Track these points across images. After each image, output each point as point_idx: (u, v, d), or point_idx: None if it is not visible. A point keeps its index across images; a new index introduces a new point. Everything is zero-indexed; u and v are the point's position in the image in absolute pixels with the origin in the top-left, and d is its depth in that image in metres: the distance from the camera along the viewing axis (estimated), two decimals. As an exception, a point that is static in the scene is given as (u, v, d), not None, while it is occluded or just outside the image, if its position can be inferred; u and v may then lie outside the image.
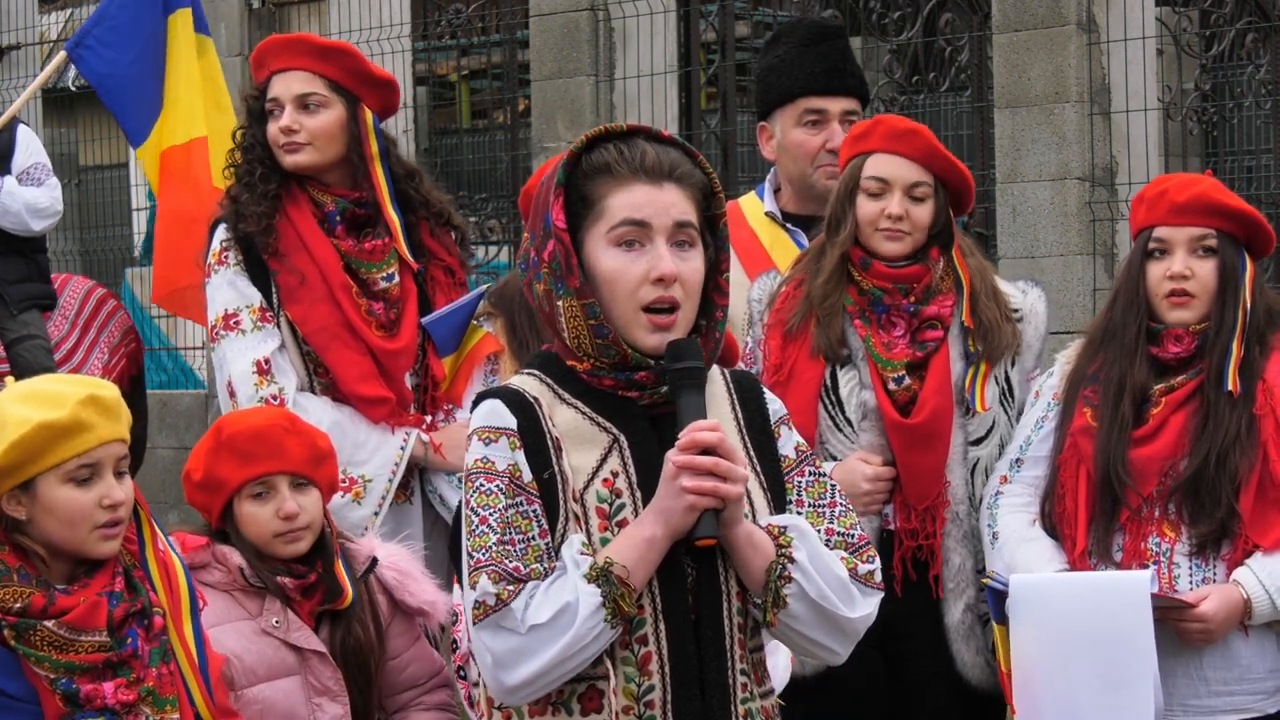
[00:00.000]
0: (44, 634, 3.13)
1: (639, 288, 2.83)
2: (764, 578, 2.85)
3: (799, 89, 4.78)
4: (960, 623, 4.21)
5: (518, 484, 2.83)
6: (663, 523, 2.79)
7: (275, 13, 10.55)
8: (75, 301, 7.31)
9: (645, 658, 2.82)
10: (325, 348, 4.55)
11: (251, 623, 3.80)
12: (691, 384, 2.83)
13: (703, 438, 2.77)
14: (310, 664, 3.82)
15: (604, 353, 2.86)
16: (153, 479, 9.54)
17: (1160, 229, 4.03)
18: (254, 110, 4.67)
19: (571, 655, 2.77)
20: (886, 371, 4.19)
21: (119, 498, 3.20)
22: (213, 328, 4.62)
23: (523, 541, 2.81)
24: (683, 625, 2.83)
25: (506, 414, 2.86)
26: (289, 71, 4.62)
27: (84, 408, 3.16)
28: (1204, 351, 3.98)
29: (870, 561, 2.95)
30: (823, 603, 2.86)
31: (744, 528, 2.84)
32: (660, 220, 2.84)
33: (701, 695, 2.83)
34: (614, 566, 2.77)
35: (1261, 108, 8.59)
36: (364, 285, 4.59)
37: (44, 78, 7.06)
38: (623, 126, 2.91)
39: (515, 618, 2.77)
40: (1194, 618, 3.84)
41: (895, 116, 4.45)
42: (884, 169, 4.22)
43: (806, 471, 2.99)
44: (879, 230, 4.20)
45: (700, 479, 2.76)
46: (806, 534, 2.89)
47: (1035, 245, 7.68)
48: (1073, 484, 4.01)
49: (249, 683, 3.75)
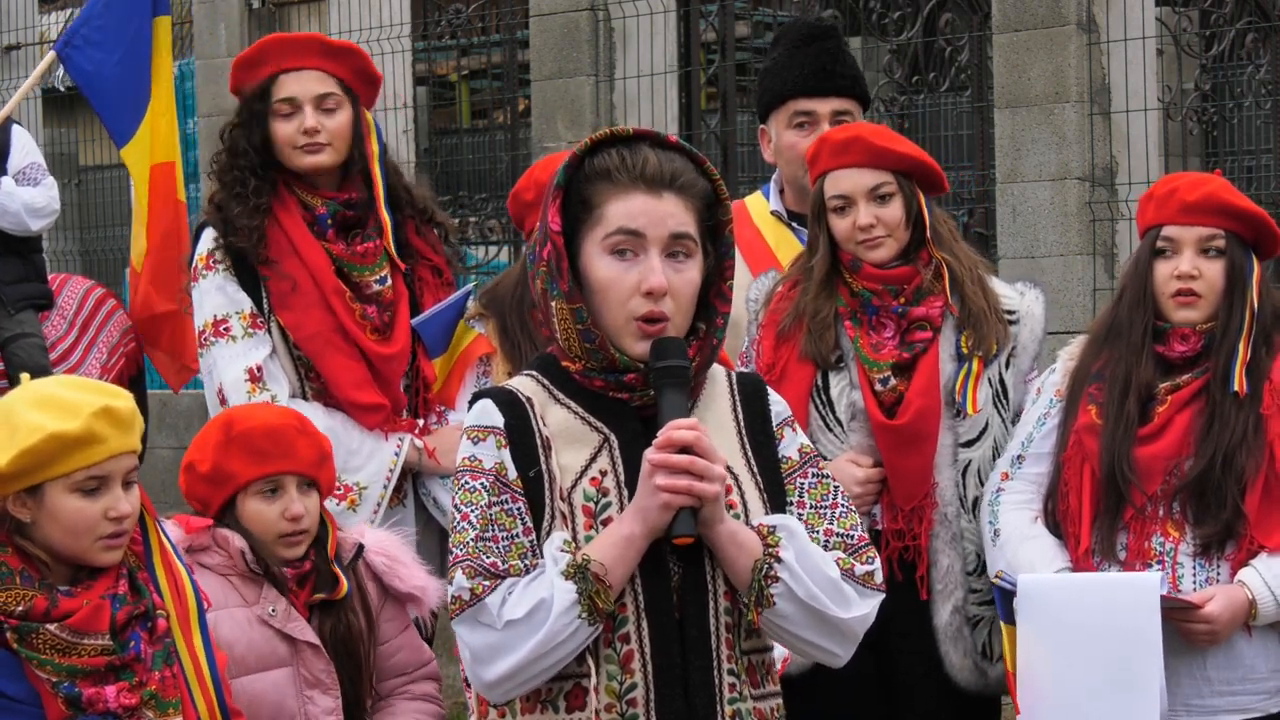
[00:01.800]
0: (46, 637, 3.12)
1: (630, 298, 2.85)
2: (749, 576, 2.85)
3: (789, 90, 4.79)
4: (949, 624, 4.21)
5: (503, 482, 2.86)
6: (641, 521, 2.81)
7: (275, 13, 10.54)
8: (74, 301, 7.30)
9: (627, 656, 2.84)
10: (319, 354, 4.52)
11: (247, 610, 3.80)
12: (673, 382, 2.84)
13: (678, 436, 2.78)
14: (303, 655, 3.81)
15: (592, 356, 2.88)
16: (153, 479, 9.52)
17: (1169, 228, 4.03)
18: (256, 112, 4.59)
19: (547, 651, 2.79)
20: (873, 372, 4.20)
21: (125, 510, 3.19)
22: (201, 333, 4.57)
23: (506, 539, 2.84)
24: (666, 624, 2.84)
25: (495, 413, 2.89)
26: (302, 71, 4.58)
27: (97, 419, 3.13)
28: (1210, 351, 3.99)
29: (869, 563, 2.96)
30: (812, 603, 2.86)
31: (727, 527, 2.85)
32: (655, 231, 2.85)
33: (685, 694, 2.83)
34: (591, 563, 2.79)
35: (1261, 108, 8.58)
36: (356, 289, 4.56)
37: (35, 79, 7.06)
38: (629, 131, 2.90)
39: (491, 613, 2.80)
40: (1199, 618, 3.84)
41: (834, 130, 4.47)
42: (841, 185, 4.24)
43: (810, 473, 3.00)
44: (858, 244, 4.22)
45: (675, 477, 2.77)
46: (796, 534, 2.89)
47: (1035, 245, 7.67)
48: (1077, 482, 4.01)
49: (238, 673, 3.72)
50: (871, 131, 4.31)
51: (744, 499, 2.92)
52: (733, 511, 2.89)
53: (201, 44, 10.43)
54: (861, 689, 4.23)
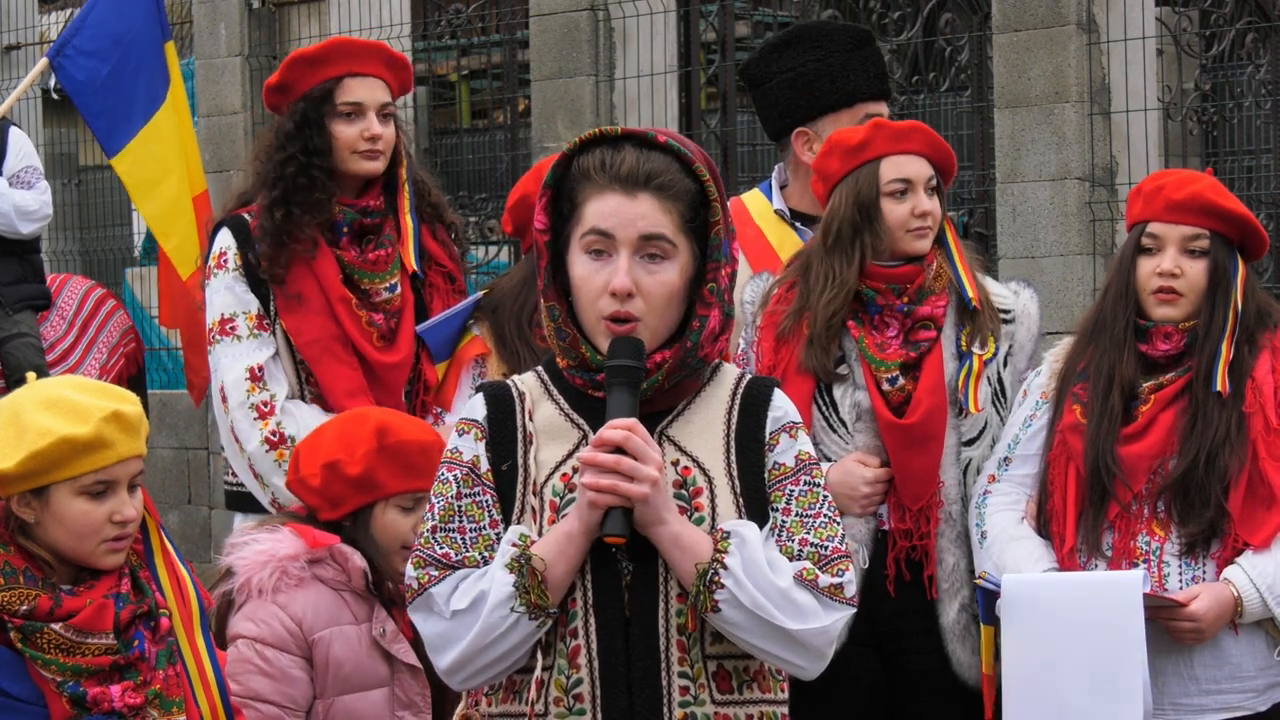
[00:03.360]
0: (50, 637, 3.12)
1: (599, 298, 2.87)
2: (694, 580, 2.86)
3: (861, 93, 4.74)
4: (955, 623, 4.21)
5: (476, 474, 2.91)
6: (578, 518, 2.84)
7: (275, 13, 10.54)
8: (74, 302, 7.31)
9: (574, 650, 2.87)
10: (316, 360, 4.54)
11: (357, 628, 3.77)
12: (620, 382, 2.86)
13: (609, 435, 2.81)
14: (401, 677, 3.80)
15: (566, 354, 2.92)
16: (153, 479, 9.53)
17: (1154, 225, 4.03)
18: (316, 114, 4.56)
19: (489, 643, 2.83)
20: (880, 372, 4.19)
21: (130, 515, 3.19)
22: (210, 331, 4.61)
23: (473, 530, 2.90)
24: (613, 622, 2.87)
25: (481, 407, 2.96)
26: (370, 78, 4.60)
27: (107, 424, 3.13)
28: (1193, 349, 3.99)
29: (838, 575, 2.92)
30: (759, 612, 2.85)
31: (669, 529, 2.85)
32: (625, 232, 2.86)
33: (629, 693, 2.84)
34: (533, 558, 2.83)
35: (1261, 108, 8.57)
36: (364, 296, 4.58)
37: (27, 84, 7.07)
38: (617, 131, 2.91)
39: (439, 603, 2.86)
40: (1185, 617, 3.85)
41: (887, 120, 4.44)
42: (905, 169, 4.21)
43: (802, 480, 2.98)
44: (909, 231, 4.20)
45: (600, 476, 2.79)
46: (748, 541, 2.88)
47: (1035, 245, 7.67)
48: (1061, 481, 4.02)
49: (341, 690, 3.72)
50: (924, 124, 4.33)
51: (714, 502, 2.92)
52: (699, 514, 2.90)
53: (201, 44, 10.43)
54: (869, 688, 4.24)
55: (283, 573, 3.72)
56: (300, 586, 3.74)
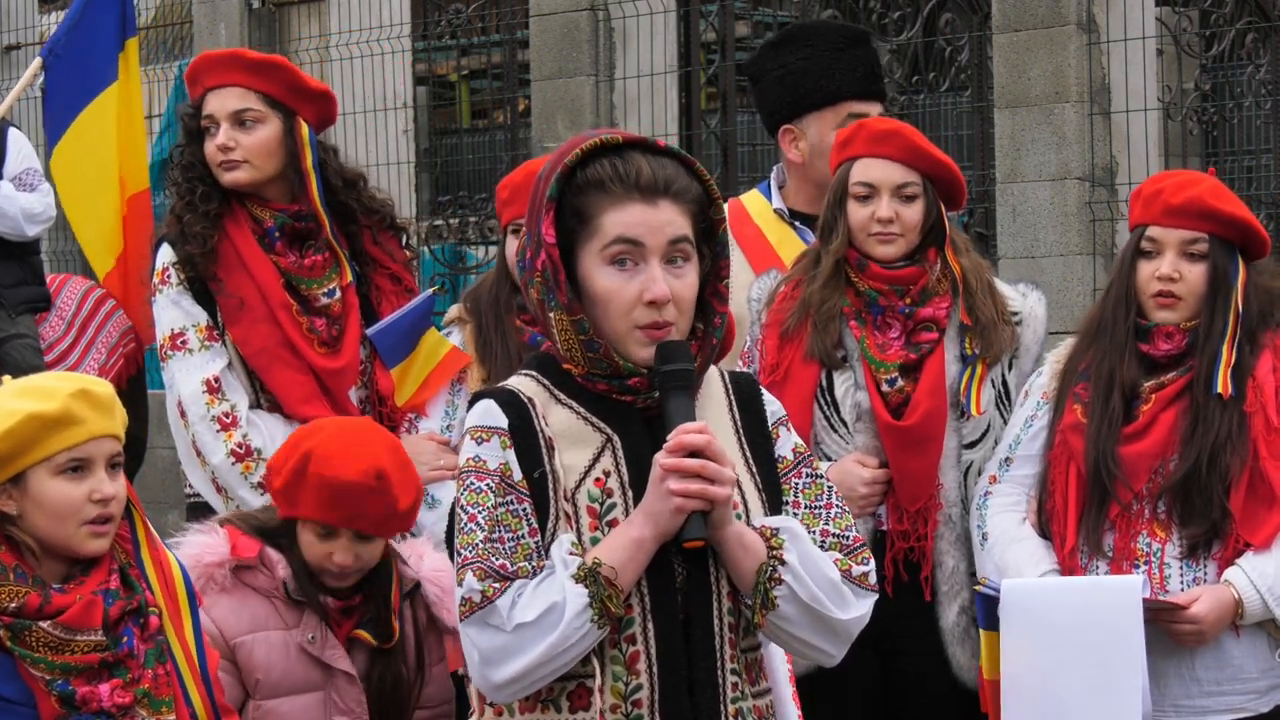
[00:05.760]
0: (39, 635, 3.12)
1: (633, 309, 2.85)
2: (754, 579, 2.86)
3: (845, 92, 4.74)
4: (955, 625, 4.21)
5: (508, 483, 2.86)
6: (651, 524, 2.81)
7: (275, 13, 10.54)
8: (73, 302, 7.29)
9: (633, 657, 2.84)
10: (266, 369, 4.51)
11: (285, 634, 3.78)
12: (680, 386, 2.84)
13: (690, 440, 2.79)
14: (336, 683, 3.80)
15: (595, 364, 2.89)
16: (153, 479, 9.52)
17: (1153, 228, 4.03)
18: (190, 129, 4.64)
19: (557, 654, 2.80)
20: (880, 373, 4.19)
21: (109, 492, 3.18)
22: (160, 348, 4.59)
23: (512, 540, 2.84)
24: (671, 625, 2.85)
25: (499, 414, 2.89)
26: (224, 88, 4.59)
27: (75, 400, 3.15)
28: (1195, 349, 3.99)
29: (865, 563, 2.96)
30: (814, 604, 2.87)
31: (734, 529, 2.85)
32: (654, 240, 2.85)
33: (690, 694, 2.84)
34: (602, 567, 2.80)
35: (1261, 108, 8.58)
36: (305, 302, 4.55)
37: (24, 84, 7.06)
38: (618, 139, 2.89)
39: (501, 615, 2.80)
40: (1186, 619, 3.84)
41: (877, 119, 4.45)
42: (870, 173, 4.22)
43: (804, 473, 3.00)
44: (871, 235, 4.21)
45: (687, 481, 2.78)
46: (799, 536, 2.90)
47: (1035, 245, 7.67)
48: (1062, 481, 4.02)
49: (269, 694, 3.74)
50: (911, 130, 4.31)
51: (744, 499, 2.93)
52: (735, 512, 2.89)
53: (201, 44, 10.43)
54: (867, 690, 4.23)
55: (209, 578, 3.75)
56: (225, 593, 3.77)
